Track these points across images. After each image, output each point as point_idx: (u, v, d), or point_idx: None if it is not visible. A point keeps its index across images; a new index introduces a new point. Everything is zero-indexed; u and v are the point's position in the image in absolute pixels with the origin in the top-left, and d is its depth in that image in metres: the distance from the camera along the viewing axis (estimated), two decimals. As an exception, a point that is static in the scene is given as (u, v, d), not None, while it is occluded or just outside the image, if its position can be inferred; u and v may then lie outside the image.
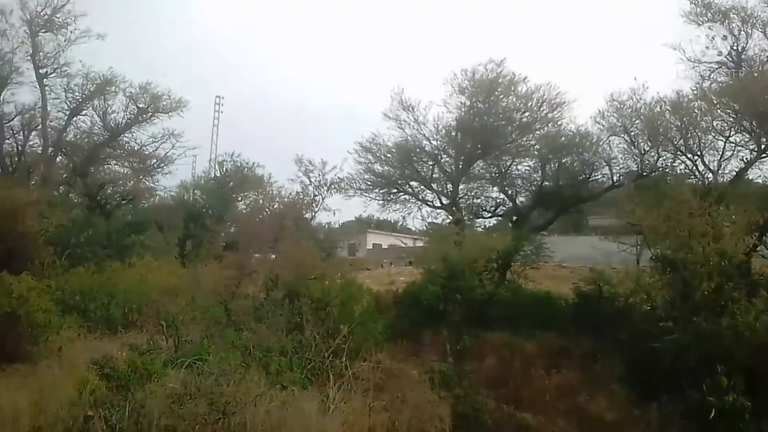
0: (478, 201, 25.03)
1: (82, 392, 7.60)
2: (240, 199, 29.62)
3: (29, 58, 24.79)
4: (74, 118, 26.29)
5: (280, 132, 78.43)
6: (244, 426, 7.14)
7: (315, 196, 23.22)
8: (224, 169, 30.02)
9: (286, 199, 21.53)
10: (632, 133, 20.08)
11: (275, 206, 20.78)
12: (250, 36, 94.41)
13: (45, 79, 25.22)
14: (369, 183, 25.14)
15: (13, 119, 25.14)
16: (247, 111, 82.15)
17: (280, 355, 10.81)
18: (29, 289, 12.27)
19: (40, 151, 25.54)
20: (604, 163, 21.58)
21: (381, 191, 25.38)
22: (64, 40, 25.13)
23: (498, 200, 24.63)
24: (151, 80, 27.21)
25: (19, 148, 25.30)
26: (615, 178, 21.33)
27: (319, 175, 23.30)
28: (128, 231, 25.24)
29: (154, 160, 28.49)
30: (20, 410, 6.91)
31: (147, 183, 28.71)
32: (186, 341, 10.87)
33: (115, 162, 28.21)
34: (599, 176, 22.13)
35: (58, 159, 26.42)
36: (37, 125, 25.41)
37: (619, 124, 20.33)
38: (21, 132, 25.37)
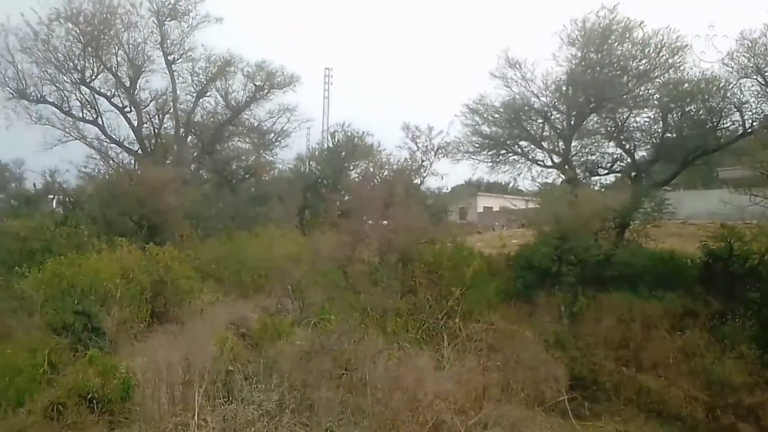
0: (593, 158, 23.78)
1: (222, 349, 8.56)
2: (352, 168, 30.63)
3: (158, 46, 26.97)
4: (200, 100, 28.55)
5: (388, 99, 79.13)
6: (364, 381, 7.68)
7: (423, 161, 23.54)
8: (336, 139, 31.06)
9: (395, 166, 22.06)
10: (766, 74, 18.16)
11: (385, 173, 21.38)
12: (354, 4, 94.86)
13: (173, 65, 27.41)
14: (477, 145, 24.85)
15: (148, 104, 27.68)
16: (355, 81, 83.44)
17: (395, 316, 11.35)
18: (173, 258, 13.79)
19: (172, 133, 28.06)
20: (734, 109, 19.49)
21: (489, 153, 24.99)
22: (187, 27, 27.13)
23: (615, 156, 23.21)
24: (266, 58, 28.86)
25: (155, 130, 27.89)
26: (747, 125, 19.36)
27: (426, 141, 23.57)
28: (252, 203, 27.20)
29: (272, 135, 30.39)
30: (173, 364, 7.84)
31: (267, 157, 30.67)
32: (309, 304, 11.73)
33: (237, 139, 30.42)
34: (729, 123, 20.05)
35: (188, 139, 28.85)
36: (169, 109, 27.79)
37: (751, 65, 18.33)
38: (156, 116, 27.96)
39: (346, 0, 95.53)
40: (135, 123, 26.81)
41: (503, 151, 24.92)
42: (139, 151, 26.98)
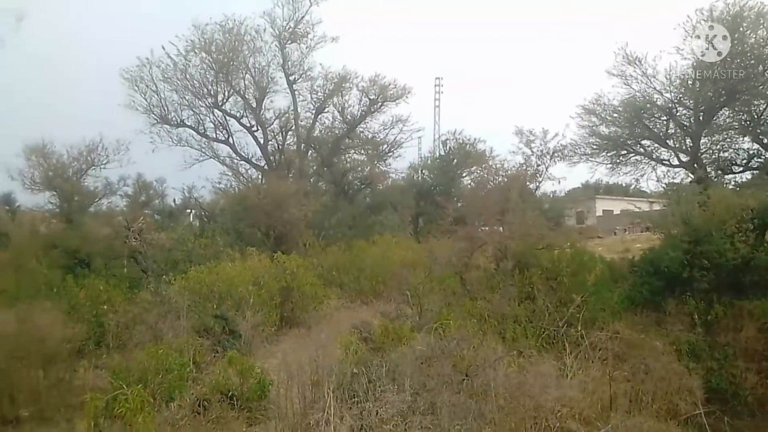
0: (726, 155, 21.99)
1: (347, 352, 8.98)
2: (464, 174, 30.65)
3: (281, 68, 28.92)
4: (319, 116, 30.17)
5: (499, 105, 77.94)
6: (486, 387, 7.71)
7: (538, 165, 23.00)
8: (447, 147, 31.27)
9: (509, 172, 21.77)
10: None
11: (499, 179, 21.16)
12: (463, 10, 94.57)
13: (294, 85, 29.23)
14: (595, 147, 23.91)
15: (273, 123, 29.73)
16: (465, 88, 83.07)
17: (514, 323, 11.23)
18: (298, 266, 14.59)
19: (294, 148, 29.80)
20: None
21: (609, 154, 23.94)
22: (306, 48, 28.90)
23: (751, 151, 21.33)
24: (379, 72, 29.85)
25: (279, 147, 29.82)
26: None
27: (540, 144, 23.01)
28: (369, 212, 28.05)
29: (386, 146, 31.24)
30: (302, 365, 8.33)
31: (381, 167, 31.54)
32: (427, 309, 11.94)
33: (353, 151, 31.70)
34: None
35: (308, 153, 30.45)
36: (291, 126, 29.68)
37: None
38: (280, 133, 29.98)
39: (455, 7, 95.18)
40: (261, 141, 29.00)
41: (624, 152, 23.78)
42: (266, 167, 29.00)
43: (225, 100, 28.50)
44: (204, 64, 27.44)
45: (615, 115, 23.04)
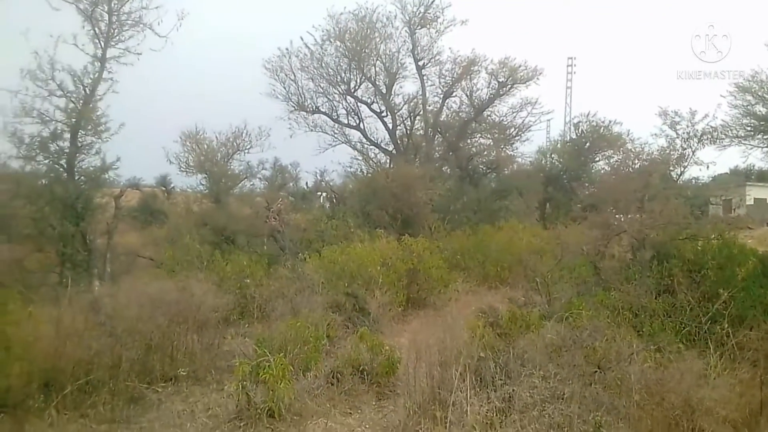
0: None
1: (473, 336, 9.03)
2: (598, 159, 29.22)
3: (410, 54, 29.31)
4: (447, 101, 30.18)
5: (637, 85, 72.64)
6: (620, 381, 7.42)
7: (684, 149, 21.31)
8: (579, 130, 29.90)
9: (650, 156, 20.35)
10: None
11: (637, 163, 19.87)
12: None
13: (423, 70, 29.49)
14: (749, 128, 21.59)
15: (401, 108, 30.22)
16: (600, 67, 78.40)
17: (650, 317, 10.62)
18: (424, 249, 14.82)
19: (421, 133, 30.12)
20: None
21: (765, 137, 21.57)
22: (435, 32, 29.02)
23: None
24: (508, 54, 29.20)
25: (407, 131, 30.30)
26: None
27: (687, 126, 21.28)
28: (494, 197, 27.72)
29: (513, 129, 30.54)
30: (430, 345, 8.49)
31: (507, 152, 30.93)
32: (556, 298, 11.64)
33: (479, 135, 31.31)
34: None
35: (435, 138, 30.64)
36: (419, 111, 30.00)
37: None
38: (408, 118, 30.43)
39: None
40: (390, 126, 29.66)
41: (783, 134, 21.28)
42: (394, 151, 29.65)
43: (357, 87, 29.48)
44: (338, 52, 28.57)
45: (774, 93, 20.64)
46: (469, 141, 30.82)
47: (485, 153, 30.44)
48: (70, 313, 8.30)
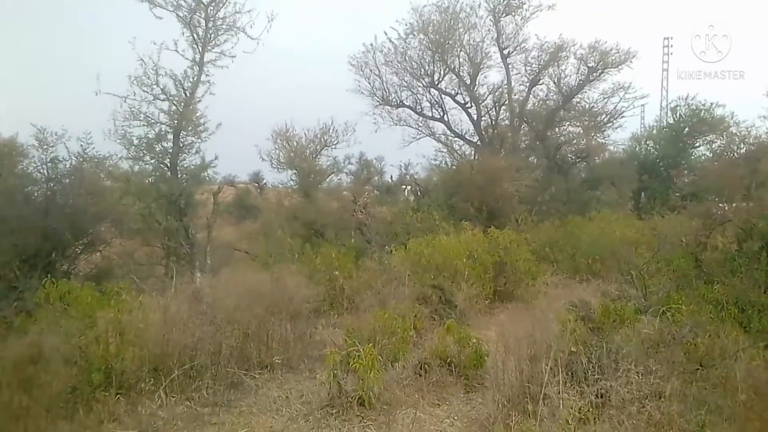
0: None
1: (564, 330, 8.80)
2: (698, 144, 27.45)
3: (494, 42, 28.63)
4: (533, 89, 29.36)
5: (741, 63, 67.06)
6: (724, 380, 7.01)
7: (798, 131, 19.61)
8: (677, 114, 28.18)
9: (757, 139, 18.89)
10: None
11: (743, 148, 18.49)
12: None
13: (508, 59, 28.81)
14: None
15: (486, 99, 29.62)
16: (699, 47, 72.98)
17: (759, 312, 9.91)
18: (511, 241, 14.63)
19: (507, 123, 29.53)
20: None
21: None
22: (521, 20, 28.22)
23: None
24: (599, 37, 27.97)
25: (492, 122, 29.72)
26: None
27: (801, 106, 19.53)
28: (584, 187, 26.77)
29: (604, 116, 29.24)
30: (519, 339, 8.35)
31: (598, 140, 29.68)
32: (652, 291, 11.10)
33: (568, 123, 30.24)
34: None
35: (521, 127, 29.93)
36: (505, 101, 29.30)
37: None
38: (493, 109, 29.76)
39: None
40: (474, 117, 29.19)
41: None
42: (478, 143, 29.24)
43: (441, 79, 29.24)
44: (422, 45, 28.41)
45: None
46: (557, 129, 29.83)
47: (574, 141, 29.37)
48: (175, 302, 8.90)
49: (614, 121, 29.39)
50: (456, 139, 30.39)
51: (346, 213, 18.89)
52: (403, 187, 31.67)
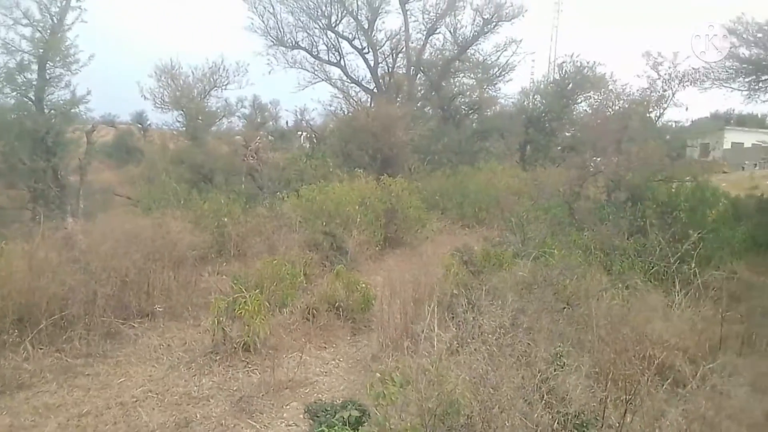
0: None
1: (447, 274, 9.19)
2: (580, 100, 29.07)
3: (394, -15, 28.23)
4: (430, 38, 29.44)
5: (625, 28, 71.29)
6: (587, 317, 7.64)
7: (664, 90, 21.23)
8: (563, 71, 29.56)
9: (629, 97, 20.25)
10: None
11: (617, 106, 19.77)
12: None
13: (406, 5, 28.60)
14: (731, 71, 21.47)
15: (383, 45, 29.49)
16: (589, 10, 76.74)
17: (621, 256, 10.88)
18: (402, 189, 14.86)
19: (403, 72, 29.53)
20: None
21: (746, 79, 21.40)
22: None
23: None
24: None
25: (389, 69, 29.65)
26: None
27: (669, 68, 21.12)
28: (475, 138, 27.59)
29: (497, 69, 30.07)
30: (405, 282, 8.61)
31: (490, 92, 30.61)
32: (530, 238, 11.83)
33: (462, 75, 30.80)
34: None
35: (417, 77, 30.07)
36: (402, 48, 29.24)
37: None
38: (390, 56, 29.68)
39: None
40: (372, 63, 28.95)
41: (765, 77, 21.20)
42: (375, 90, 29.10)
43: (338, 22, 28.62)
44: (320, -17, 27.44)
45: (760, 35, 20.37)
46: (451, 80, 30.33)
47: (468, 93, 30.06)
48: (43, 249, 8.22)
49: (506, 75, 30.47)
50: (352, 85, 30.21)
51: (237, 158, 18.29)
52: (299, 133, 31.08)
